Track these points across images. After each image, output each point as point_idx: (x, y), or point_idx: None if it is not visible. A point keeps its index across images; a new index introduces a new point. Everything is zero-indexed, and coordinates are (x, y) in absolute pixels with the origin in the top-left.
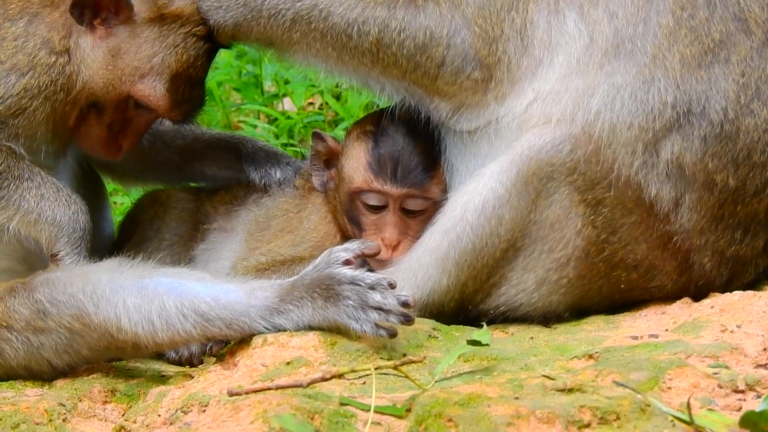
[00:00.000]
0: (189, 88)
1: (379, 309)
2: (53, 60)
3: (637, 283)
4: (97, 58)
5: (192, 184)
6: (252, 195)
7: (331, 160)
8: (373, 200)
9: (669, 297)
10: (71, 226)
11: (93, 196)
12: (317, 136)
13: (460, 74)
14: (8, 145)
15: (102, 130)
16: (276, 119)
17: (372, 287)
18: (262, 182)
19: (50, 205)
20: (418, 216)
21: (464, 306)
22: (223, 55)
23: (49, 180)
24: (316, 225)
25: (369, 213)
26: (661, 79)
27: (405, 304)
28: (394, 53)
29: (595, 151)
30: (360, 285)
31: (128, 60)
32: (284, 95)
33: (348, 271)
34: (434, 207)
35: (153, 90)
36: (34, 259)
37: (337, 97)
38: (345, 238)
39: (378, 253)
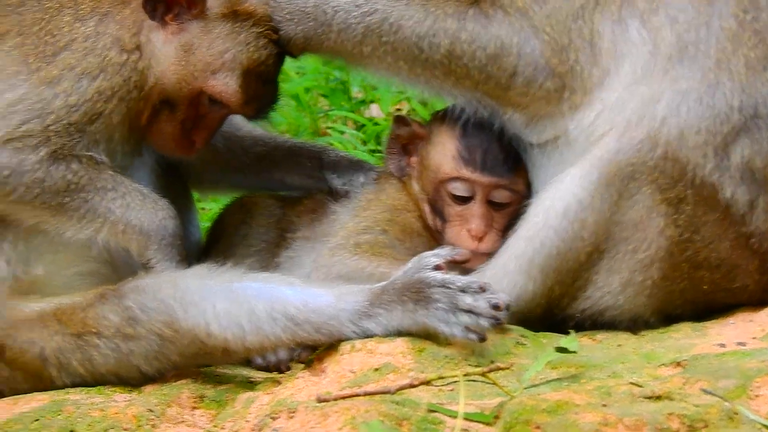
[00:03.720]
0: (261, 85)
1: (469, 312)
2: (124, 58)
3: (719, 284)
4: (169, 54)
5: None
6: (334, 204)
7: (409, 145)
8: (460, 190)
9: (751, 298)
10: (160, 233)
11: (179, 201)
12: (400, 120)
13: (532, 84)
14: (89, 155)
15: (175, 127)
16: (363, 125)
17: (463, 290)
18: (344, 188)
19: (136, 213)
20: (503, 209)
21: (551, 311)
22: (310, 61)
23: (134, 188)
24: (393, 196)
25: (455, 204)
26: (727, 83)
27: (496, 307)
28: (466, 64)
29: (672, 152)
30: (451, 288)
31: (200, 55)
32: (372, 101)
33: (439, 275)
34: (518, 202)
35: (225, 86)
36: (118, 262)
37: (425, 104)
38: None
39: (468, 260)
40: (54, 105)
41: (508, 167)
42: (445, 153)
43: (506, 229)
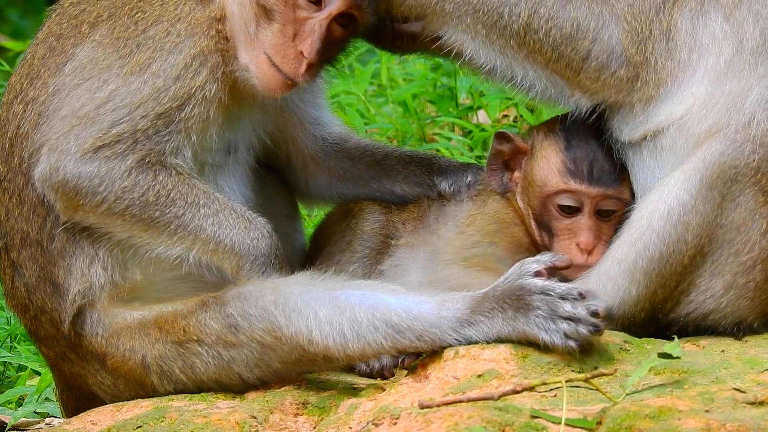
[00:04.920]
0: None
1: (568, 319)
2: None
3: None
4: None
5: None
6: (438, 212)
7: (511, 161)
8: (567, 201)
9: None
10: (252, 254)
11: (282, 207)
12: (502, 136)
13: (604, 70)
14: (177, 163)
15: (276, 37)
16: (470, 132)
17: (563, 297)
18: (452, 189)
19: (228, 232)
20: (610, 220)
21: (654, 315)
22: (418, 67)
23: (227, 204)
24: (499, 209)
25: (562, 217)
26: None
27: (595, 314)
28: (540, 40)
29: None
30: (550, 295)
31: None
32: (479, 108)
33: (539, 282)
34: (624, 209)
35: None
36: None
37: (531, 110)
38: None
39: (569, 266)
40: (142, 94)
41: (614, 176)
42: (550, 166)
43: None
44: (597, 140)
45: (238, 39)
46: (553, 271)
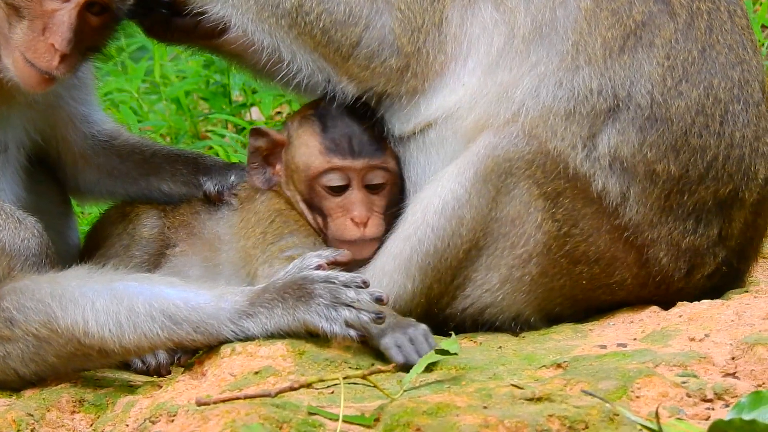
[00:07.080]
0: None
1: (350, 306)
2: None
3: (599, 279)
4: None
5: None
6: (203, 218)
7: (270, 156)
8: (335, 180)
9: (630, 294)
10: (23, 253)
11: (54, 205)
12: (257, 132)
13: (374, 58)
14: None
15: (26, 34)
16: (244, 129)
17: (346, 285)
18: (216, 189)
19: None
20: (380, 191)
21: (431, 311)
22: (191, 64)
23: None
24: (270, 203)
25: (332, 196)
26: (585, 67)
27: (378, 300)
28: (311, 22)
29: (544, 143)
30: (333, 283)
31: None
32: (252, 105)
33: (321, 272)
34: (393, 181)
35: None
36: None
37: None
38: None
39: (351, 262)
40: None
41: (375, 147)
42: (310, 150)
43: (386, 214)
44: (352, 117)
45: None
46: (334, 266)
